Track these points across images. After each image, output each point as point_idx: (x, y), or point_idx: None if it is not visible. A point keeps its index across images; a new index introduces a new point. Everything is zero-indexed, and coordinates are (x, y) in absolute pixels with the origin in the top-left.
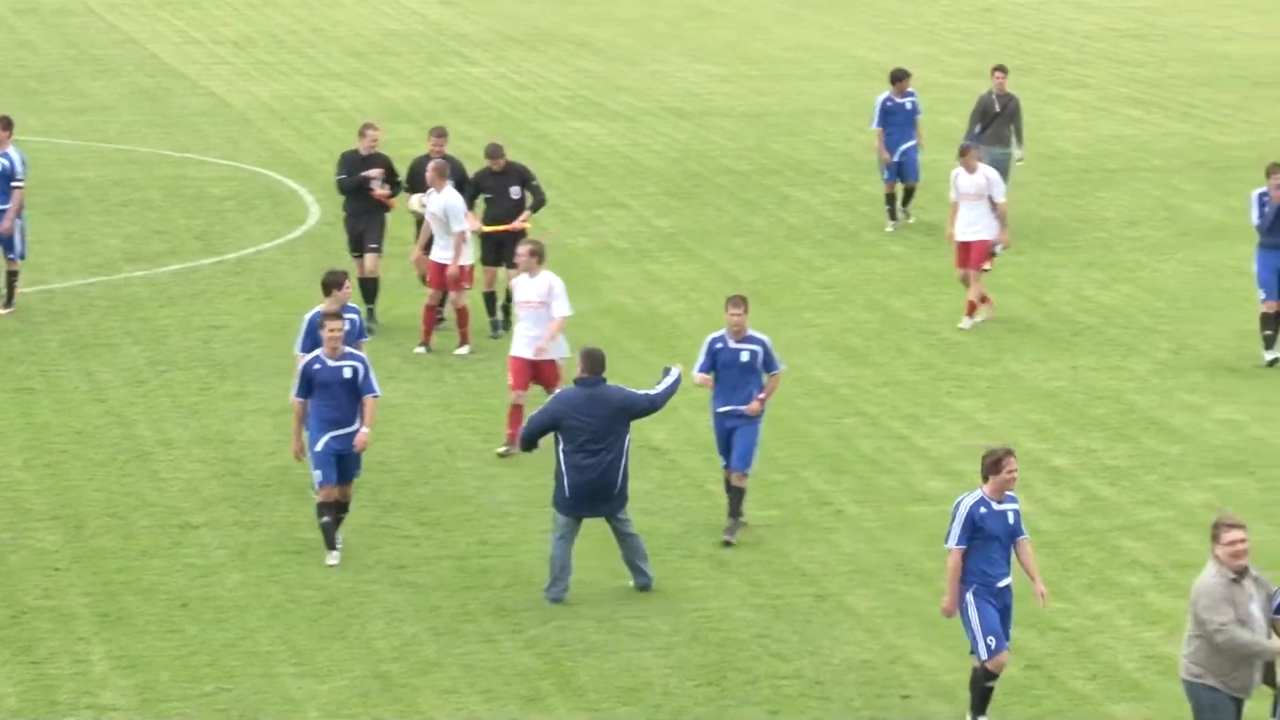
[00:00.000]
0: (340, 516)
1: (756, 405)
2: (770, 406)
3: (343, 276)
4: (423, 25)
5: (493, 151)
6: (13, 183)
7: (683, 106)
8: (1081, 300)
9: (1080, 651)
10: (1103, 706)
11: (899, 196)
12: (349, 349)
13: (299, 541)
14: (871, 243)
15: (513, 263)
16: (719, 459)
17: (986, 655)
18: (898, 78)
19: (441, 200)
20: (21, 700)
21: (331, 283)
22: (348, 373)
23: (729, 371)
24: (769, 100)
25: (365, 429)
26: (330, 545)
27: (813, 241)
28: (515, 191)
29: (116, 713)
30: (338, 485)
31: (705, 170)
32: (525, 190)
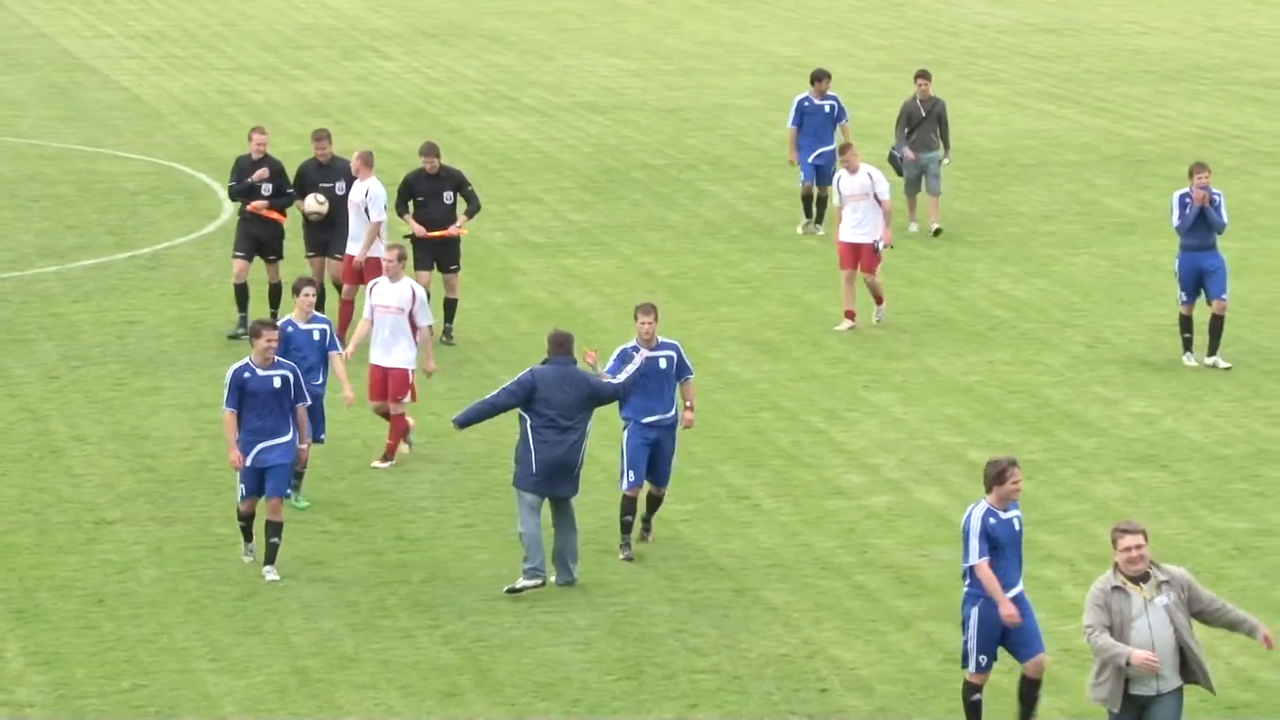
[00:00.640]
0: (274, 542)
1: (691, 417)
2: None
3: (305, 283)
4: (336, 19)
5: (427, 149)
6: None
7: (596, 101)
8: (996, 295)
9: None
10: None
11: (814, 198)
12: (280, 359)
13: (215, 537)
14: (787, 237)
15: (448, 268)
16: (628, 474)
17: (975, 670)
18: (818, 78)
19: (364, 186)
20: None
21: (294, 289)
22: (277, 382)
23: (648, 380)
24: (682, 95)
25: (303, 445)
26: (248, 539)
27: (728, 236)
28: (449, 196)
29: (32, 709)
30: (269, 499)
31: (620, 165)
32: (459, 195)
